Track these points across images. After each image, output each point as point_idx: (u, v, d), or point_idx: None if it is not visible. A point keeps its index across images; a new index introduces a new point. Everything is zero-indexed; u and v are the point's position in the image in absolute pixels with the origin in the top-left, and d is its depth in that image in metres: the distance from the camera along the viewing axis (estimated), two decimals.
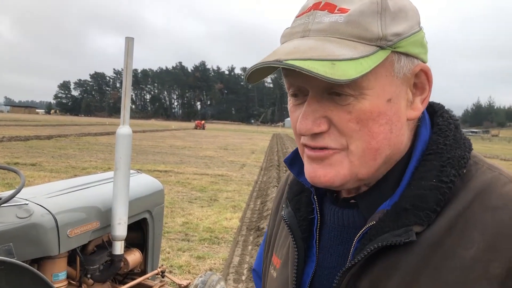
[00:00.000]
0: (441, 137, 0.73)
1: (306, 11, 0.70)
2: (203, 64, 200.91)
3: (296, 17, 0.72)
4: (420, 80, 0.72)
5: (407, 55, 0.69)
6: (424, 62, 0.72)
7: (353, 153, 0.69)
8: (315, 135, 0.69)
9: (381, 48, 0.65)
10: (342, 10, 0.66)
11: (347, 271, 0.70)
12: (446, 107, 0.81)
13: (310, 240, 0.82)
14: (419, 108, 0.72)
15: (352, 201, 0.77)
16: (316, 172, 0.71)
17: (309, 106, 0.69)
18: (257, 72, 0.69)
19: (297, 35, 0.69)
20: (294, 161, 0.85)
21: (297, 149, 0.83)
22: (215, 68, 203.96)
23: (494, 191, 0.66)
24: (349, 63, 0.62)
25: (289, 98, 0.75)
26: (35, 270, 1.75)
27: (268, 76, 0.74)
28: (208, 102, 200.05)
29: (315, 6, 0.68)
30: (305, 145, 0.73)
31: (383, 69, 0.67)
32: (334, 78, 0.60)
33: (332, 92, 0.67)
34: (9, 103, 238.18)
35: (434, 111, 0.80)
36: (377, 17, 0.65)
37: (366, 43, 0.65)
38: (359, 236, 0.72)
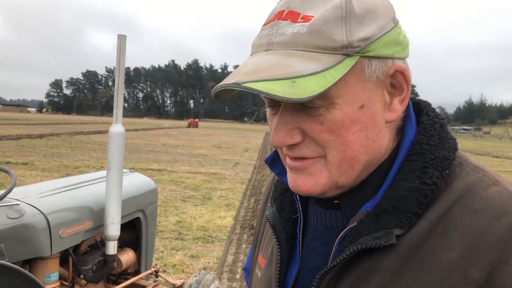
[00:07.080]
0: (425, 137, 0.71)
1: (271, 19, 0.67)
2: (196, 62, 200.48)
3: (263, 25, 0.69)
4: (397, 80, 0.69)
5: (379, 57, 0.66)
6: (404, 58, 0.70)
7: (330, 163, 0.68)
8: (291, 146, 0.69)
9: (348, 55, 0.63)
10: (305, 19, 0.63)
11: (327, 273, 0.69)
12: (441, 105, 0.80)
13: (294, 240, 0.81)
14: (398, 109, 0.70)
15: (336, 201, 0.76)
16: (296, 182, 0.71)
17: (281, 118, 0.68)
18: (226, 90, 0.65)
19: (262, 48, 0.67)
20: (275, 161, 0.84)
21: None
22: (208, 66, 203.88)
23: (476, 193, 0.65)
24: (311, 78, 0.60)
25: (266, 105, 0.74)
26: (26, 272, 1.73)
27: None
28: (201, 100, 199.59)
29: (279, 15, 0.66)
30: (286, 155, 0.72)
31: (353, 76, 0.64)
32: (293, 98, 0.58)
33: (304, 103, 0.65)
34: (0, 101, 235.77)
35: (420, 109, 0.78)
36: (341, 23, 0.62)
37: (331, 52, 0.62)
38: (340, 237, 0.71)
